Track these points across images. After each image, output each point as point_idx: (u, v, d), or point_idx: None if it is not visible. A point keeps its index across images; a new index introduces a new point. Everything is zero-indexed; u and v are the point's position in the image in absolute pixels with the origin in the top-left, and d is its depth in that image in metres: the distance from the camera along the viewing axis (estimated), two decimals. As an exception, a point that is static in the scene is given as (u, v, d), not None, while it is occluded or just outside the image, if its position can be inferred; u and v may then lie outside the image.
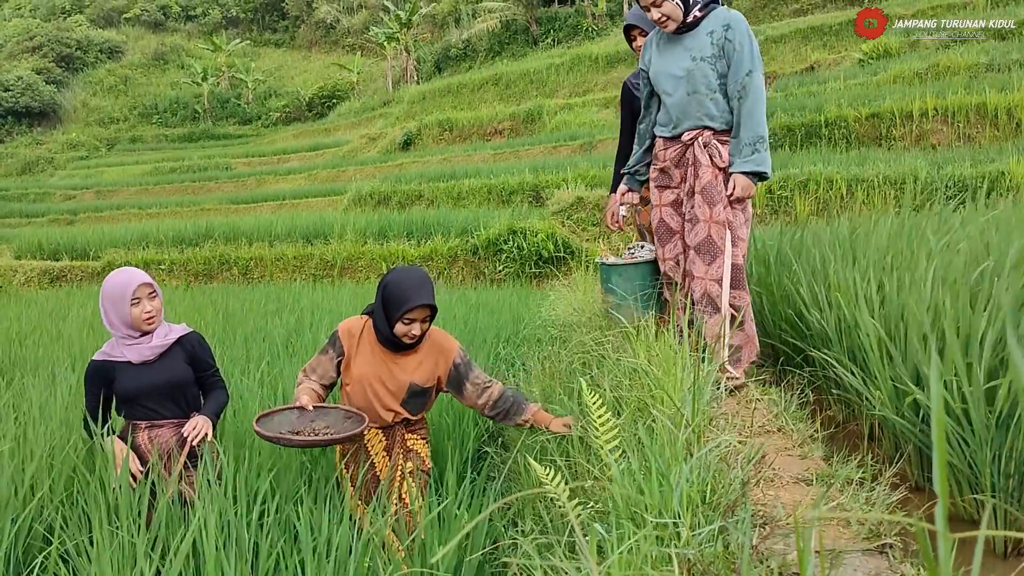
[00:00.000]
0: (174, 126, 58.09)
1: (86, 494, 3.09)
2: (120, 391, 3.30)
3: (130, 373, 3.29)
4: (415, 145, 32.30)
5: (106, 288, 3.28)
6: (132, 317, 3.26)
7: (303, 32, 72.04)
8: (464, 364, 3.37)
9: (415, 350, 3.31)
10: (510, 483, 3.61)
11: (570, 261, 13.94)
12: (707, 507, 2.02)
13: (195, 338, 3.49)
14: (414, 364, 3.29)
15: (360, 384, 3.26)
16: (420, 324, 3.19)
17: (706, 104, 3.66)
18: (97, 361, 3.33)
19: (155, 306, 3.31)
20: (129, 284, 3.24)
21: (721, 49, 3.60)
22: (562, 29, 43.56)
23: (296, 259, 16.60)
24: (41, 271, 18.26)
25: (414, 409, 3.33)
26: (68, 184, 40.00)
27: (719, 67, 3.62)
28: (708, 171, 3.64)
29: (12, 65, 59.52)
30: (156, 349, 3.32)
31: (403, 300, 3.13)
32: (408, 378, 3.26)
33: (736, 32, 3.57)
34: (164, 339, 3.35)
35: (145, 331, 3.31)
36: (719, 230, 3.59)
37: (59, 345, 7.20)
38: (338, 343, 3.32)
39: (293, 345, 6.55)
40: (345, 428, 3.12)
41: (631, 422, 2.62)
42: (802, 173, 13.44)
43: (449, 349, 3.36)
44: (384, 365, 3.26)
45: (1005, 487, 2.20)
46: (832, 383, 3.39)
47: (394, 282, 3.20)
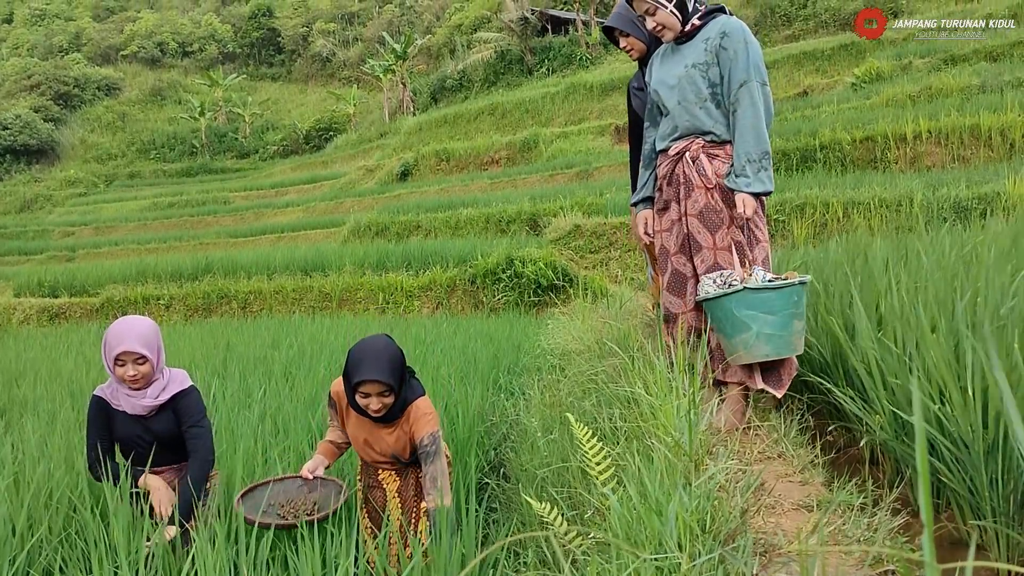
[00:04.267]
0: (172, 161, 58.38)
1: (85, 534, 3.07)
2: (116, 437, 3.29)
3: (125, 421, 3.27)
4: (412, 176, 32.41)
5: (105, 335, 3.22)
6: (116, 375, 3.21)
7: (299, 66, 72.59)
8: (427, 450, 3.14)
9: (392, 424, 3.24)
10: (511, 511, 3.59)
11: (568, 289, 13.94)
12: (707, 536, 2.01)
13: (187, 395, 3.34)
14: (392, 437, 3.25)
15: (355, 440, 3.36)
16: (377, 398, 3.08)
17: (695, 113, 3.42)
18: (97, 397, 3.28)
19: (141, 371, 3.19)
20: (116, 346, 3.16)
21: (715, 56, 3.37)
22: (556, 58, 43.84)
23: (295, 292, 16.60)
24: (40, 308, 18.25)
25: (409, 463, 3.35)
26: (67, 221, 40.16)
27: (711, 75, 3.39)
28: (701, 194, 3.39)
29: (10, 103, 59.92)
30: (148, 408, 3.26)
31: (353, 373, 3.07)
32: (388, 446, 3.26)
33: (732, 39, 3.33)
34: (156, 400, 3.25)
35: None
36: (726, 256, 3.35)
37: (58, 383, 7.18)
38: (332, 401, 3.41)
39: (292, 378, 6.53)
40: (329, 502, 3.32)
41: (629, 451, 2.61)
42: (798, 197, 13.48)
43: (421, 428, 3.17)
44: (368, 430, 3.29)
45: (1005, 511, 2.20)
46: (832, 408, 3.39)
47: (353, 352, 3.14)
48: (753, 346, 3.09)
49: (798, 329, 3.16)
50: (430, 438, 3.14)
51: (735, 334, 3.16)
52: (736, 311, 3.15)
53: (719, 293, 3.17)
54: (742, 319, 3.13)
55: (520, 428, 4.38)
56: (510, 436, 4.63)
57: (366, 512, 3.40)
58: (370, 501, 3.39)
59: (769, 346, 3.10)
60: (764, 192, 3.28)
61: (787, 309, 3.11)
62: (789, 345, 3.13)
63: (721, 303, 3.18)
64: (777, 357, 3.11)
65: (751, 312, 3.11)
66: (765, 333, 3.09)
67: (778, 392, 3.21)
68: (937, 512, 2.56)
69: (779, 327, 3.10)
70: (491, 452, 4.74)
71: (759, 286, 3.12)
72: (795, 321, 3.13)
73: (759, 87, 3.30)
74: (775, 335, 3.10)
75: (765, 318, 3.08)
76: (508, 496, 3.99)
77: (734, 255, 3.32)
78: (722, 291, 3.18)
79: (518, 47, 45.27)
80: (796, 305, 3.14)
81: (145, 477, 3.21)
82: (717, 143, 3.43)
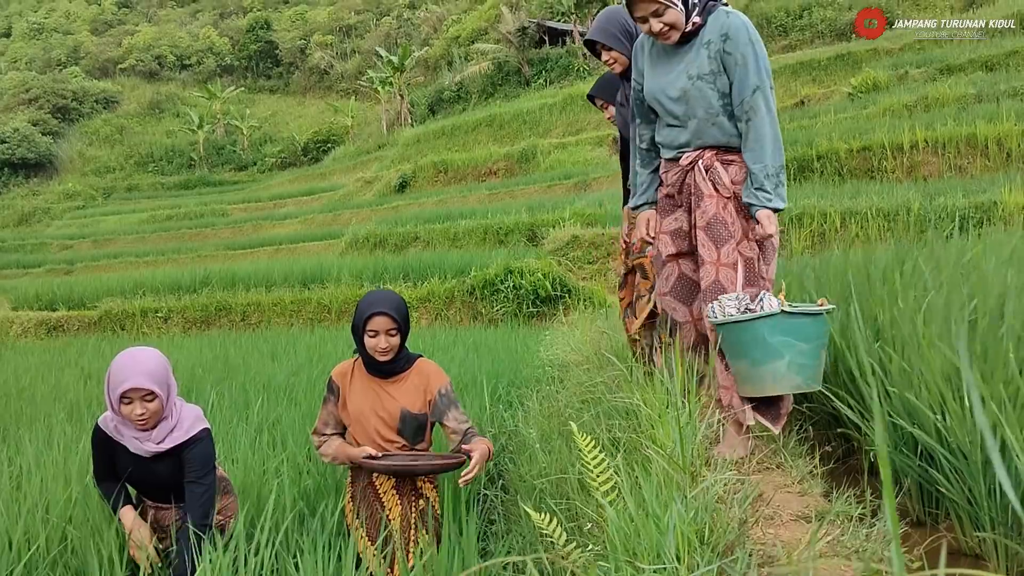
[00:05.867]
0: (170, 174, 58.46)
1: (82, 551, 3.06)
2: (121, 473, 3.03)
3: (129, 459, 2.99)
4: (411, 187, 32.46)
5: (109, 371, 2.93)
6: (122, 414, 2.90)
7: (297, 78, 72.79)
8: (448, 396, 3.37)
9: (403, 376, 3.37)
10: (510, 523, 3.59)
11: (567, 300, 13.94)
12: (705, 547, 2.01)
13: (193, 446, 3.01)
14: (402, 390, 3.35)
15: (358, 420, 3.34)
16: (386, 336, 3.23)
17: (706, 130, 3.14)
18: (99, 429, 3.02)
19: (150, 409, 2.89)
20: (123, 382, 2.85)
21: (720, 64, 3.06)
22: (553, 70, 43.98)
23: (293, 304, 16.59)
24: (38, 322, 18.22)
25: (413, 437, 3.36)
26: (65, 234, 40.20)
27: (719, 85, 3.08)
28: (712, 202, 3.11)
29: (8, 117, 60.04)
30: (153, 451, 2.96)
31: (365, 310, 3.24)
32: (399, 404, 3.32)
33: (736, 42, 3.02)
34: (159, 446, 2.95)
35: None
36: (728, 274, 3.05)
37: (56, 397, 7.17)
38: (333, 385, 3.43)
39: (291, 390, 6.53)
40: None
41: (627, 463, 2.61)
42: (796, 207, 13.50)
43: (437, 378, 3.39)
44: (375, 394, 3.34)
45: (1004, 521, 2.19)
46: (831, 418, 3.38)
47: (360, 301, 3.35)
48: (784, 376, 2.80)
49: (823, 361, 2.92)
50: (447, 387, 3.37)
51: (765, 362, 2.84)
52: (769, 337, 2.84)
53: (749, 316, 2.86)
54: (775, 346, 2.81)
55: (519, 440, 4.37)
56: (509, 447, 4.62)
57: (361, 523, 3.38)
58: (363, 511, 3.36)
59: (800, 376, 2.82)
60: (782, 208, 3.02)
61: (820, 338, 2.87)
62: (816, 377, 2.88)
63: (752, 327, 2.86)
64: (808, 389, 2.89)
65: (785, 339, 2.81)
66: (798, 363, 2.81)
67: (775, 427, 2.99)
68: (936, 523, 2.55)
69: (811, 356, 2.84)
70: (490, 464, 4.73)
71: (794, 310, 2.84)
72: (822, 351, 2.90)
73: (769, 93, 3.04)
74: (807, 365, 2.83)
75: (800, 346, 2.81)
76: (507, 508, 3.98)
77: (738, 272, 3.04)
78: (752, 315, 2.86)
79: (515, 59, 45.41)
80: (826, 335, 2.92)
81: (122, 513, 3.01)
82: (730, 149, 3.15)
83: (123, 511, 3.01)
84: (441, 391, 3.35)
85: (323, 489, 3.91)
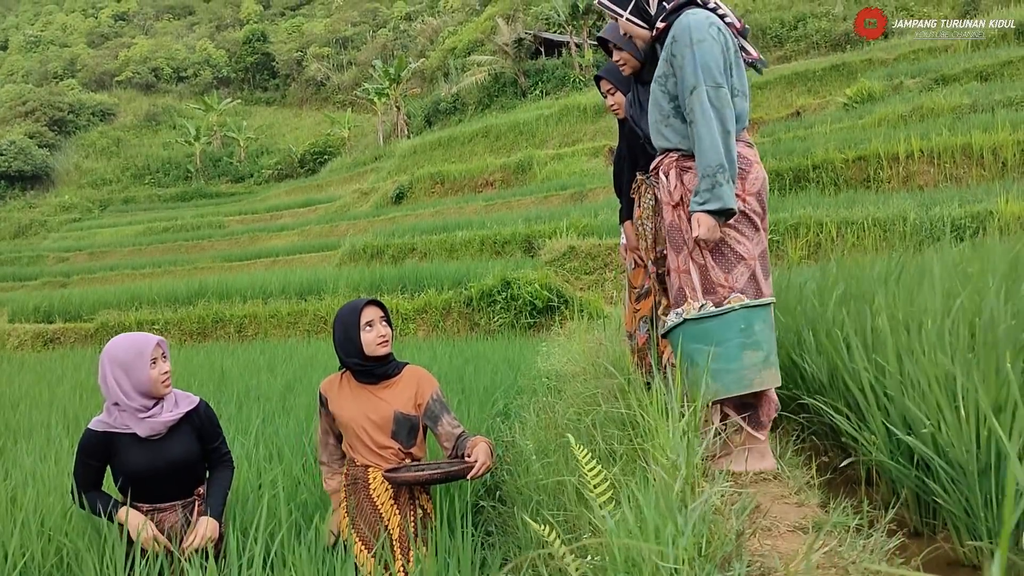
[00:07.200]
0: (167, 186, 58.44)
1: (77, 563, 3.05)
2: (125, 469, 2.97)
3: (137, 449, 2.97)
4: (407, 199, 32.48)
5: (116, 354, 2.96)
6: (151, 379, 2.94)
7: (294, 90, 72.92)
8: (440, 401, 3.45)
9: (394, 381, 3.43)
10: (507, 535, 3.58)
11: (564, 310, 13.94)
12: (703, 559, 2.00)
13: (203, 409, 3.18)
14: (394, 394, 3.40)
15: (350, 428, 3.37)
16: (381, 324, 3.36)
17: (662, 132, 3.12)
18: (97, 432, 2.97)
19: (168, 367, 3.04)
20: (147, 343, 2.97)
21: (670, 66, 3.01)
22: (550, 81, 44.02)
23: (290, 315, 16.59)
24: (35, 334, 18.21)
25: (406, 440, 3.37)
26: (61, 246, 40.17)
27: (669, 87, 3.04)
28: (668, 209, 3.09)
29: (5, 130, 60.08)
30: (168, 423, 3.00)
31: (353, 310, 3.36)
32: (391, 407, 3.35)
33: (679, 43, 2.94)
34: (173, 413, 3.02)
35: (160, 395, 3.01)
36: (687, 279, 2.99)
37: (53, 409, 7.15)
38: (322, 396, 3.51)
39: (288, 402, 6.52)
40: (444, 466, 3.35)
41: (626, 474, 2.60)
42: (792, 217, 13.53)
43: (428, 383, 3.47)
44: (367, 399, 3.38)
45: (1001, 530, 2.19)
46: (829, 428, 3.38)
47: (340, 311, 3.45)
48: (704, 384, 2.70)
49: (753, 362, 2.80)
50: (438, 392, 3.47)
51: (689, 372, 2.83)
52: (683, 346, 2.86)
53: (671, 325, 2.91)
54: (688, 353, 2.83)
55: (516, 450, 4.36)
56: (506, 458, 4.61)
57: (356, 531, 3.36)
58: (362, 524, 3.35)
59: (718, 383, 2.77)
60: (722, 209, 2.83)
61: (734, 339, 2.77)
62: (741, 381, 2.79)
63: (672, 337, 2.94)
64: (728, 395, 2.82)
65: (697, 346, 2.81)
66: (712, 368, 2.75)
67: (759, 434, 2.92)
68: (933, 532, 2.55)
69: (726, 360, 2.77)
70: (487, 474, 4.72)
71: (698, 316, 2.81)
72: (746, 352, 2.78)
73: (711, 91, 2.87)
74: (722, 369, 2.77)
75: (711, 351, 2.75)
76: (504, 519, 3.97)
77: (693, 277, 2.97)
78: (672, 324, 2.90)
79: (512, 70, 45.47)
80: (744, 333, 2.79)
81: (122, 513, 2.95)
82: (690, 155, 3.03)
83: (122, 511, 2.94)
84: (433, 396, 3.43)
85: (320, 501, 3.90)
